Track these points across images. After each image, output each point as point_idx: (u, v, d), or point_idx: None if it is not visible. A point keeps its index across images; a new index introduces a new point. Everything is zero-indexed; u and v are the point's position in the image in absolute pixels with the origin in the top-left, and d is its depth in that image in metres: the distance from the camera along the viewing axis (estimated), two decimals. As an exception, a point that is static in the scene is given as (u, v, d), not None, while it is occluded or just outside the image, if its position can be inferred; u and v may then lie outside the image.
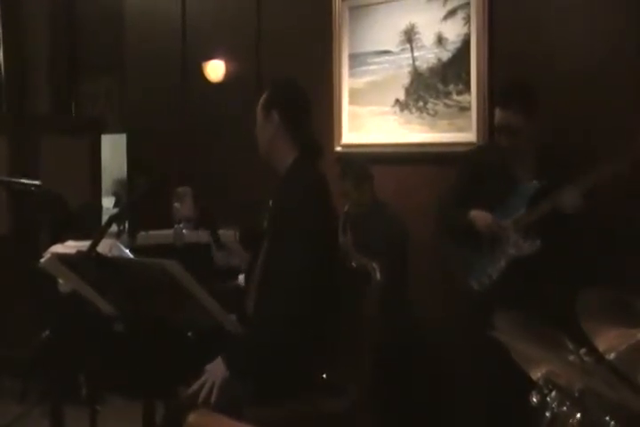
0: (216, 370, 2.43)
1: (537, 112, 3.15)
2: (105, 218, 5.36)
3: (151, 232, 4.24)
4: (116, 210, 5.77)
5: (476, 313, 3.22)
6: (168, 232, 3.96)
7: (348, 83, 4.39)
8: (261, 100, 2.66)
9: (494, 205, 3.19)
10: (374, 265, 2.69)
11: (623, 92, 3.33)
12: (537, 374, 1.85)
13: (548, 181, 3.11)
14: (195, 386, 2.45)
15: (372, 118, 4.30)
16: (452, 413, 3.78)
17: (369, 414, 2.73)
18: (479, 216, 3.18)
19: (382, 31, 4.22)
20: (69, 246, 3.41)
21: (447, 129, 3.96)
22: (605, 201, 3.14)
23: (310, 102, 2.68)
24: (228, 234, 2.83)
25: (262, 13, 4.84)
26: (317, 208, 2.54)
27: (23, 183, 4.35)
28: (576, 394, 1.74)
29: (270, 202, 2.69)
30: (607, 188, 3.02)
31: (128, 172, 5.86)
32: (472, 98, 3.84)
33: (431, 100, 4.03)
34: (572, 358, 1.79)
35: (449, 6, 3.93)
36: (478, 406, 3.36)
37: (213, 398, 2.39)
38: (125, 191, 6.04)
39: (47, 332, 3.83)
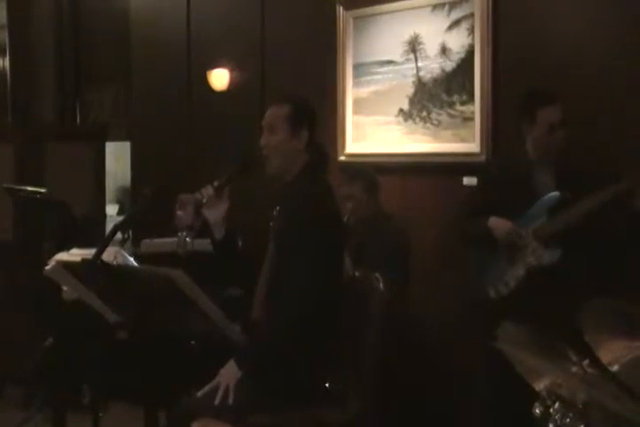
0: (229, 372, 2.46)
1: None
2: (109, 226, 5.37)
3: (155, 240, 4.25)
4: (120, 218, 5.78)
5: (490, 320, 3.23)
6: (172, 240, 3.96)
7: (351, 92, 4.40)
8: (287, 116, 2.65)
9: (514, 215, 3.19)
10: (377, 276, 2.70)
11: (629, 99, 3.34)
12: (540, 386, 1.85)
13: (569, 192, 3.12)
14: (207, 388, 2.47)
15: (375, 128, 4.31)
16: (454, 424, 3.78)
17: (370, 424, 2.74)
18: (498, 224, 3.18)
19: (386, 41, 4.23)
20: (74, 254, 3.42)
21: (451, 139, 3.98)
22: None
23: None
24: (204, 242, 2.84)
25: (267, 22, 4.86)
26: (323, 217, 2.58)
27: (28, 191, 4.37)
28: (579, 406, 1.74)
29: (277, 208, 2.72)
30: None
31: (132, 179, 5.88)
32: (476, 108, 3.85)
33: (435, 110, 4.04)
34: (575, 369, 1.79)
35: (453, 17, 3.95)
36: (481, 417, 3.35)
37: (230, 400, 2.42)
38: (129, 199, 6.06)
39: (50, 339, 3.84)
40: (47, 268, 2.75)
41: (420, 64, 4.10)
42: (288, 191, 2.67)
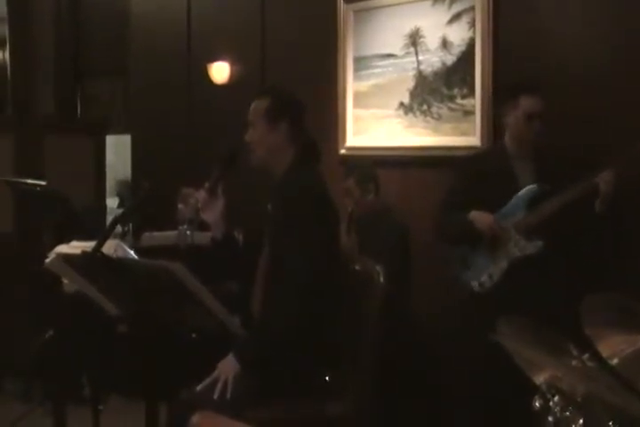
0: (228, 366, 2.46)
1: None
2: (109, 219, 5.37)
3: (155, 233, 4.25)
4: (120, 211, 5.78)
5: (478, 315, 3.24)
6: (172, 233, 3.96)
7: (352, 86, 4.40)
8: (264, 110, 2.64)
9: (494, 210, 3.20)
10: (378, 269, 2.69)
11: (627, 95, 3.34)
12: (540, 379, 1.86)
13: (548, 184, 3.13)
14: (207, 382, 2.47)
15: (376, 121, 4.31)
16: (452, 417, 3.78)
17: (370, 417, 2.74)
18: (480, 217, 3.19)
19: (387, 35, 4.23)
20: (74, 247, 3.42)
21: (451, 133, 3.97)
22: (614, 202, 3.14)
23: (305, 108, 2.72)
24: (204, 236, 2.85)
25: (267, 16, 4.85)
26: (317, 210, 2.57)
27: (28, 183, 4.37)
28: (579, 399, 1.75)
29: (269, 205, 2.71)
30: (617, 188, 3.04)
31: (132, 172, 5.87)
32: (476, 102, 3.85)
33: (435, 103, 4.04)
34: (575, 363, 1.79)
35: (454, 10, 3.94)
36: (480, 411, 3.36)
37: (228, 394, 2.42)
38: (129, 192, 6.06)
39: (50, 332, 3.84)
40: (47, 260, 2.75)
41: (420, 57, 4.09)
42: (278, 186, 2.66)
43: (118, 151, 6.55)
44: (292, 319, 2.47)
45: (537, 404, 1.82)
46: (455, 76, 3.95)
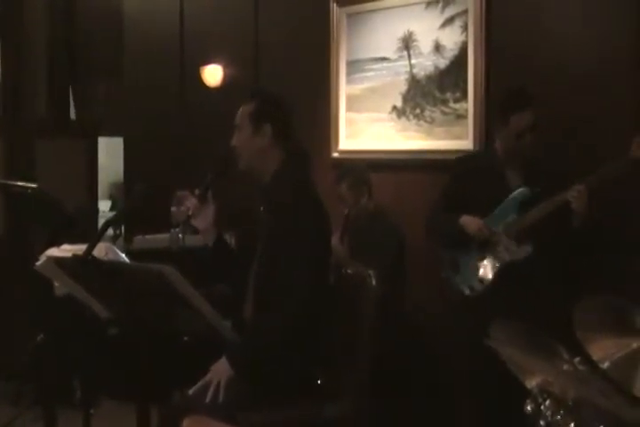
0: (221, 369, 2.45)
1: None
2: (101, 221, 5.36)
3: (147, 236, 4.24)
4: (112, 213, 5.77)
5: (470, 318, 3.25)
6: (164, 236, 3.95)
7: (345, 89, 4.40)
8: (249, 113, 2.64)
9: (485, 212, 3.21)
10: (369, 272, 2.69)
11: (618, 100, 3.35)
12: (531, 383, 1.86)
13: (539, 188, 3.14)
14: (199, 385, 2.46)
15: (368, 125, 4.31)
16: (448, 419, 3.78)
17: (368, 418, 2.74)
18: (470, 221, 3.20)
19: (380, 38, 4.23)
20: (65, 250, 3.41)
21: (444, 136, 3.98)
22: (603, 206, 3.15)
23: (293, 113, 2.72)
24: (196, 239, 2.84)
25: (260, 18, 4.85)
26: (309, 212, 2.57)
27: (19, 186, 4.35)
28: (570, 403, 1.75)
29: (261, 208, 2.71)
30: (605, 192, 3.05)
31: (125, 175, 5.86)
32: (469, 106, 3.86)
33: (428, 107, 4.04)
34: (566, 367, 1.80)
35: (447, 14, 3.95)
36: (474, 413, 3.36)
37: (220, 397, 2.42)
38: (121, 195, 6.05)
39: (42, 335, 3.83)
40: (38, 263, 2.74)
41: (413, 61, 4.10)
42: (266, 190, 2.66)
43: (110, 154, 6.54)
44: (289, 321, 2.48)
45: (529, 408, 1.82)
46: (448, 79, 3.96)
